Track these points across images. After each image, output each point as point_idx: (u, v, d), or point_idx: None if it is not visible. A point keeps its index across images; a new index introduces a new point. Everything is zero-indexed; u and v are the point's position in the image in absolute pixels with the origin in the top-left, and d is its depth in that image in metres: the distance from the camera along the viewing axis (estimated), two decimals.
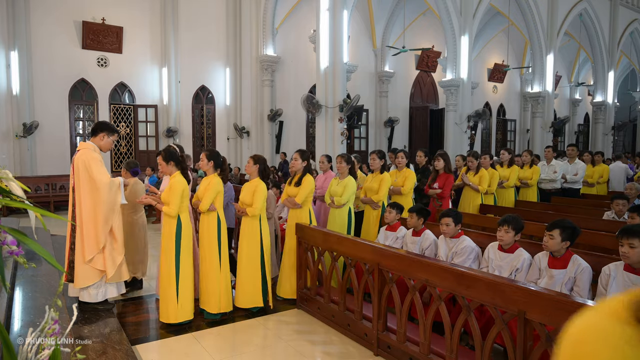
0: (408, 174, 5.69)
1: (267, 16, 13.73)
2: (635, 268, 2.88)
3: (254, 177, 4.57)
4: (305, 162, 4.83)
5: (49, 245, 5.32)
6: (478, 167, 6.56)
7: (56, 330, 1.28)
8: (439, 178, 5.97)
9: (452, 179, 6.03)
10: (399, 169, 5.82)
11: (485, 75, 19.39)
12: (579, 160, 8.02)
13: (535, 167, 7.45)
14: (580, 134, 23.57)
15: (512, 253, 3.58)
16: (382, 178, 5.37)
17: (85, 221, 4.07)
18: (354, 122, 11.93)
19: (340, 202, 5.01)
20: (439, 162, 6.00)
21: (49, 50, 12.24)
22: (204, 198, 4.26)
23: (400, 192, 5.59)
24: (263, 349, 3.81)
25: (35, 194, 10.88)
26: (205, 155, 4.44)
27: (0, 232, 1.47)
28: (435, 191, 5.91)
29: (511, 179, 7.04)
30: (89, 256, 4.04)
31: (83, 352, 2.95)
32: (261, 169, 4.54)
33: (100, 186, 4.06)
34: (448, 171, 5.99)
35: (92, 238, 4.07)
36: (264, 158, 4.68)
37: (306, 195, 4.73)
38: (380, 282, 3.62)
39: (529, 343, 2.58)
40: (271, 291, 4.66)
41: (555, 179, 7.62)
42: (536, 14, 15.53)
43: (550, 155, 7.78)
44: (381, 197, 5.31)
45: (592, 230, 4.62)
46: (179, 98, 14.15)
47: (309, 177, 4.76)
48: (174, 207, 4.10)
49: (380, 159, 5.49)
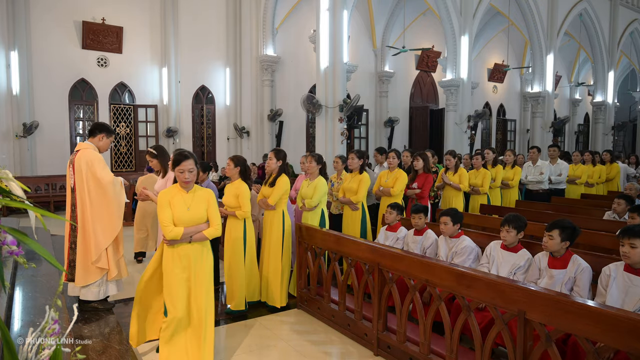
0: (399, 175, 5.54)
1: (267, 16, 13.72)
2: (636, 268, 2.88)
3: (235, 179, 4.52)
4: (280, 161, 4.68)
5: (49, 245, 5.32)
6: (457, 166, 6.52)
7: (56, 330, 1.28)
8: (418, 178, 5.86)
9: (432, 179, 5.93)
10: (391, 169, 5.68)
11: (485, 75, 19.38)
12: (561, 160, 7.92)
13: (517, 167, 7.35)
14: (580, 134, 23.56)
15: (515, 252, 3.59)
16: (361, 178, 5.25)
17: (91, 221, 4.08)
18: (354, 122, 11.92)
19: (311, 205, 4.86)
20: (418, 162, 5.88)
21: (49, 50, 12.24)
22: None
23: (389, 193, 5.45)
24: (263, 349, 3.81)
25: (35, 194, 10.88)
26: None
27: (0, 232, 1.47)
28: (414, 191, 5.78)
29: (515, 179, 7.02)
30: (95, 256, 4.07)
31: (83, 352, 2.95)
32: (242, 170, 4.49)
33: (105, 185, 4.09)
34: (427, 171, 5.88)
35: (99, 238, 4.09)
36: (244, 159, 4.61)
37: (279, 196, 4.58)
38: (380, 282, 3.62)
39: (529, 343, 2.58)
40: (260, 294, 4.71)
41: (542, 180, 7.50)
42: (536, 14, 15.52)
43: (536, 156, 7.66)
44: (360, 197, 5.21)
45: (592, 230, 4.62)
46: (179, 98, 14.14)
47: (283, 178, 4.61)
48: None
49: (359, 158, 5.37)
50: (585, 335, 2.30)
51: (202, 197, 3.21)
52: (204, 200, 3.20)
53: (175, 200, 3.14)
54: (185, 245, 3.13)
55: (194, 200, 3.16)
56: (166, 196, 3.15)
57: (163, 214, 3.09)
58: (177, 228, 3.07)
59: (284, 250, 4.64)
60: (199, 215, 3.15)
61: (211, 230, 3.19)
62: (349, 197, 5.28)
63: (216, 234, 3.22)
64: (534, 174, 7.55)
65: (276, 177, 4.64)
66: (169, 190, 3.21)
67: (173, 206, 3.12)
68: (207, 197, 3.22)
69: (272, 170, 4.73)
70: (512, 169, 7.27)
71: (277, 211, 4.65)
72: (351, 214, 5.31)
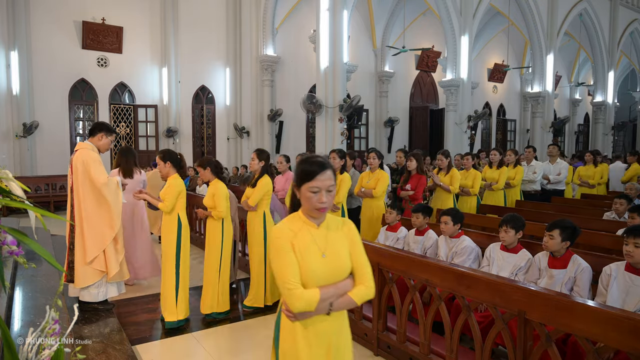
0: (380, 175, 5.37)
1: (267, 16, 13.72)
2: (637, 268, 2.88)
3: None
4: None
5: (49, 245, 5.31)
6: (449, 167, 6.18)
7: (56, 330, 1.28)
8: (411, 179, 5.71)
9: (425, 180, 5.77)
10: (372, 170, 5.50)
11: (485, 75, 19.39)
12: (561, 159, 7.73)
13: (519, 167, 7.10)
14: (580, 134, 23.57)
15: (515, 253, 3.58)
16: (341, 179, 5.10)
17: (87, 221, 4.04)
18: (354, 122, 11.93)
19: (252, 204, 4.65)
20: (411, 162, 5.72)
21: (49, 50, 12.24)
22: None
23: (371, 194, 5.29)
24: (263, 349, 3.81)
25: (35, 194, 10.88)
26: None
27: (0, 232, 1.47)
28: (408, 193, 5.63)
29: (500, 180, 6.72)
30: (90, 257, 4.02)
31: (83, 352, 2.95)
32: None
33: (99, 186, 4.03)
34: (421, 172, 5.73)
35: (95, 239, 4.05)
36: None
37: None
38: (380, 282, 3.62)
39: (529, 343, 2.58)
40: None
41: (534, 180, 7.31)
42: (536, 14, 15.53)
43: (531, 155, 7.46)
44: (340, 198, 5.09)
45: (592, 230, 4.62)
46: (179, 98, 14.15)
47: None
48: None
49: (341, 158, 5.26)
50: (585, 335, 2.29)
51: (341, 233, 1.89)
52: (343, 237, 1.89)
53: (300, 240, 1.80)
54: (322, 319, 1.80)
55: (329, 239, 1.85)
56: (286, 233, 1.80)
57: (285, 266, 1.75)
58: (309, 291, 1.73)
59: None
60: (341, 265, 1.83)
61: (362, 290, 1.83)
62: None
63: (369, 296, 1.86)
64: (527, 174, 7.34)
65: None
66: (288, 224, 1.85)
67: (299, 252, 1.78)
68: (348, 232, 1.91)
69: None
70: (514, 169, 7.06)
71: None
72: None
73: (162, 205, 4.08)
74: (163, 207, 4.07)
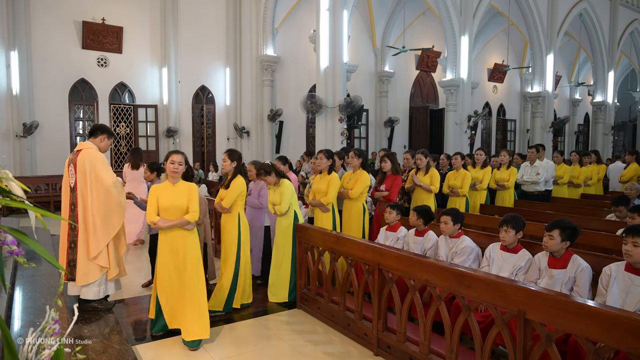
0: (359, 176, 5.20)
1: (267, 16, 13.72)
2: (637, 268, 2.88)
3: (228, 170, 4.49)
4: (234, 162, 4.47)
5: (49, 245, 5.31)
6: (428, 167, 6.03)
7: (56, 330, 1.28)
8: (386, 180, 5.56)
9: (400, 181, 5.62)
10: (354, 170, 5.34)
11: (485, 75, 19.38)
12: (547, 160, 7.54)
13: (512, 168, 6.98)
14: (580, 134, 23.56)
15: (515, 253, 3.58)
16: (330, 179, 5.04)
17: (92, 219, 4.13)
18: (354, 122, 11.93)
19: (282, 210, 4.69)
20: (386, 163, 5.56)
21: (49, 50, 12.24)
22: None
23: (348, 195, 5.13)
24: (263, 349, 3.81)
25: (35, 194, 10.88)
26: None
27: (0, 232, 1.47)
28: (382, 194, 5.49)
29: (484, 180, 6.63)
30: (94, 252, 4.11)
31: (83, 352, 2.95)
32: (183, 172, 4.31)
33: (108, 186, 4.16)
34: (396, 172, 5.59)
35: (99, 235, 4.14)
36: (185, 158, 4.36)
37: (234, 198, 4.37)
38: (380, 282, 3.62)
39: (529, 343, 2.58)
40: None
41: (537, 181, 7.20)
42: (536, 14, 15.53)
43: (534, 156, 7.34)
44: (330, 199, 5.00)
45: (592, 230, 4.63)
46: (179, 98, 14.14)
47: (238, 180, 4.41)
48: None
49: (328, 158, 5.13)
50: (585, 335, 2.29)
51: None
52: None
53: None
54: None
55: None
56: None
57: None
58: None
59: (240, 254, 4.42)
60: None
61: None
62: (319, 198, 5.07)
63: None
64: (530, 174, 7.28)
65: (231, 179, 4.45)
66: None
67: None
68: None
69: (227, 172, 4.52)
70: (508, 170, 6.94)
71: (233, 214, 4.44)
72: (322, 216, 5.07)
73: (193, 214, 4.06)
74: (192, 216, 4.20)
